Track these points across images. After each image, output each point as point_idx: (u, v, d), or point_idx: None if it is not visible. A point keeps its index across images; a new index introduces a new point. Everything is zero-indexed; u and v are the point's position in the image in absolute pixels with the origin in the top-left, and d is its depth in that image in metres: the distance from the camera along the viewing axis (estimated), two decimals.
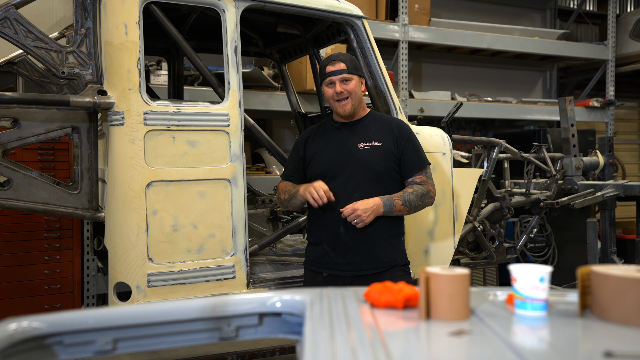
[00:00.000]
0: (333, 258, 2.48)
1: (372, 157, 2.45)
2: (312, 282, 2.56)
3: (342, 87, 2.46)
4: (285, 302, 1.47)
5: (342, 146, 2.51)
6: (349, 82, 2.47)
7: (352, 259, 2.44)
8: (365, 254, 2.44)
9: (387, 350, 1.07)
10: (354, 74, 2.49)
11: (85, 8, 2.53)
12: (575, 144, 4.83)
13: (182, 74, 4.11)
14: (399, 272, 2.48)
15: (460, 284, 1.27)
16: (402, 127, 2.56)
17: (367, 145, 2.47)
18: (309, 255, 2.59)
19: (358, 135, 2.50)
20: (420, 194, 2.46)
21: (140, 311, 1.42)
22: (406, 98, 5.93)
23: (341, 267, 2.46)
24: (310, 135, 2.65)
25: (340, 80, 2.46)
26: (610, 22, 7.34)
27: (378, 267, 2.46)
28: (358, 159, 2.46)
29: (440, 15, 6.86)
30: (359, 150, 2.47)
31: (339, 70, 2.46)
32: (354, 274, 2.45)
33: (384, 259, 2.47)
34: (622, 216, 6.43)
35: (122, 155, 2.51)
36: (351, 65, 2.49)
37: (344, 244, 2.45)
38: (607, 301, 1.24)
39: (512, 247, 4.64)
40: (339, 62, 2.47)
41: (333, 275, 2.48)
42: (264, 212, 3.75)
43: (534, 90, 8.04)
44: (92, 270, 3.90)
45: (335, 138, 2.55)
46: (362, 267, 2.44)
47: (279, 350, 3.25)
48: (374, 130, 2.51)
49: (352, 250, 2.44)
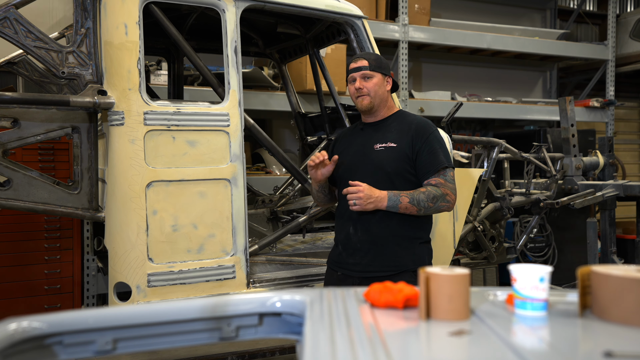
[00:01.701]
0: (344, 258, 2.48)
1: (385, 158, 2.41)
2: (328, 279, 2.58)
3: (361, 84, 2.44)
4: (285, 302, 1.47)
5: (361, 147, 2.49)
6: (370, 79, 2.44)
7: (360, 259, 2.43)
8: (373, 256, 2.41)
9: (387, 350, 1.07)
10: (376, 72, 2.45)
11: (85, 8, 2.53)
12: (575, 144, 4.83)
13: (182, 74, 4.12)
14: (410, 278, 2.33)
15: (460, 284, 1.27)
16: (422, 128, 2.44)
17: (382, 146, 2.43)
18: (330, 254, 2.61)
19: (377, 136, 2.47)
20: (432, 196, 2.34)
21: (140, 311, 1.42)
22: (406, 98, 5.94)
23: (351, 267, 2.46)
24: (339, 136, 2.67)
25: (361, 76, 2.44)
26: (610, 22, 7.35)
27: (385, 270, 2.39)
28: (372, 159, 2.43)
29: (440, 15, 6.86)
30: (374, 151, 2.44)
31: (360, 67, 2.45)
32: (362, 275, 2.42)
33: (393, 263, 2.40)
34: (622, 216, 6.43)
35: (122, 155, 2.51)
36: (375, 63, 2.45)
37: (353, 244, 2.44)
38: (607, 301, 1.24)
39: (512, 247, 4.64)
40: (362, 59, 2.46)
41: (345, 275, 2.48)
42: (264, 212, 3.75)
43: (534, 90, 8.04)
44: (92, 270, 3.90)
45: (358, 139, 2.54)
46: (369, 268, 2.41)
47: (279, 350, 3.25)
48: (394, 131, 2.46)
49: (360, 251, 2.43)
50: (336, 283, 2.49)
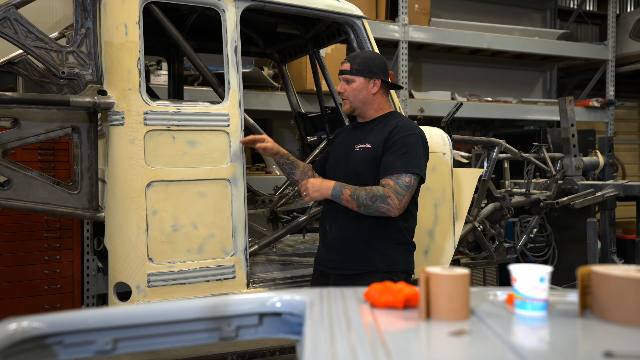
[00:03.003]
0: (322, 254, 2.54)
1: (359, 159, 2.43)
2: (313, 277, 2.63)
3: (342, 87, 2.47)
4: (285, 302, 1.47)
5: (346, 146, 2.53)
6: (351, 83, 2.46)
7: (333, 256, 2.47)
8: (344, 254, 2.44)
9: (387, 350, 1.07)
10: (358, 75, 2.43)
11: (85, 8, 2.53)
12: (575, 144, 4.83)
13: (182, 74, 4.11)
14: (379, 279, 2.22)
15: (460, 284, 1.27)
16: (398, 130, 2.37)
17: (361, 147, 2.44)
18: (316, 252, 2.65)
19: (360, 136, 2.50)
20: (372, 195, 2.28)
21: (140, 311, 1.42)
22: (406, 98, 5.94)
23: (326, 264, 2.51)
24: (339, 132, 2.73)
25: (343, 80, 2.47)
26: (610, 22, 7.34)
27: (355, 268, 2.41)
28: (349, 160, 2.47)
29: (440, 15, 6.86)
30: (353, 152, 2.46)
31: (343, 70, 2.47)
32: (335, 272, 2.47)
33: (362, 262, 2.41)
34: (622, 216, 6.43)
35: (122, 155, 2.51)
36: (358, 67, 2.43)
37: (328, 241, 2.50)
38: (607, 301, 1.24)
39: (512, 247, 4.64)
40: (346, 62, 2.47)
41: (322, 272, 2.53)
42: (264, 212, 3.75)
43: (534, 90, 8.04)
44: (92, 270, 3.90)
45: (347, 137, 2.57)
46: (341, 266, 2.45)
47: (279, 350, 3.25)
48: (375, 132, 2.46)
49: (333, 249, 2.47)
50: (317, 280, 2.56)
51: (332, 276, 2.48)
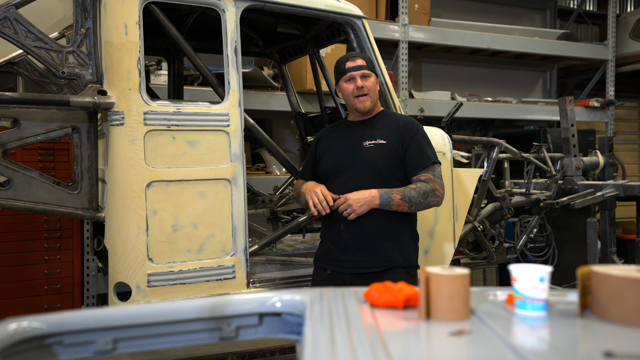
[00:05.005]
0: (335, 255, 2.48)
1: (375, 155, 2.43)
2: (317, 278, 2.58)
3: (362, 82, 2.46)
4: (285, 302, 1.47)
5: (349, 144, 2.51)
6: (369, 78, 2.48)
7: (352, 256, 2.44)
8: (365, 252, 2.42)
9: (387, 350, 1.07)
10: (372, 71, 2.50)
11: (85, 8, 2.53)
12: (575, 144, 4.83)
13: (182, 74, 4.11)
14: (400, 274, 2.39)
15: (460, 284, 1.27)
16: (409, 125, 2.49)
17: (372, 144, 2.45)
18: (317, 252, 2.61)
19: (365, 133, 2.50)
20: (422, 192, 2.37)
21: (140, 311, 1.42)
22: (406, 98, 5.94)
23: (342, 264, 2.46)
24: (323, 134, 2.69)
25: (360, 75, 2.47)
26: (610, 22, 7.35)
27: (377, 265, 2.41)
28: (361, 157, 2.45)
29: (440, 15, 6.86)
30: (364, 149, 2.46)
31: (359, 66, 2.47)
32: (353, 272, 2.44)
33: (383, 258, 2.42)
34: (622, 216, 6.43)
35: (122, 155, 2.51)
36: (370, 63, 2.51)
37: (344, 241, 2.45)
38: (607, 301, 1.24)
39: (512, 247, 4.64)
40: (359, 59, 2.49)
41: (335, 272, 2.49)
42: (264, 212, 3.75)
43: (534, 90, 8.04)
44: (92, 270, 3.90)
45: (345, 136, 2.55)
46: (360, 265, 2.42)
47: (279, 350, 3.25)
48: (382, 128, 2.49)
49: (352, 248, 2.44)
50: (326, 281, 2.49)
51: (349, 276, 2.44)
